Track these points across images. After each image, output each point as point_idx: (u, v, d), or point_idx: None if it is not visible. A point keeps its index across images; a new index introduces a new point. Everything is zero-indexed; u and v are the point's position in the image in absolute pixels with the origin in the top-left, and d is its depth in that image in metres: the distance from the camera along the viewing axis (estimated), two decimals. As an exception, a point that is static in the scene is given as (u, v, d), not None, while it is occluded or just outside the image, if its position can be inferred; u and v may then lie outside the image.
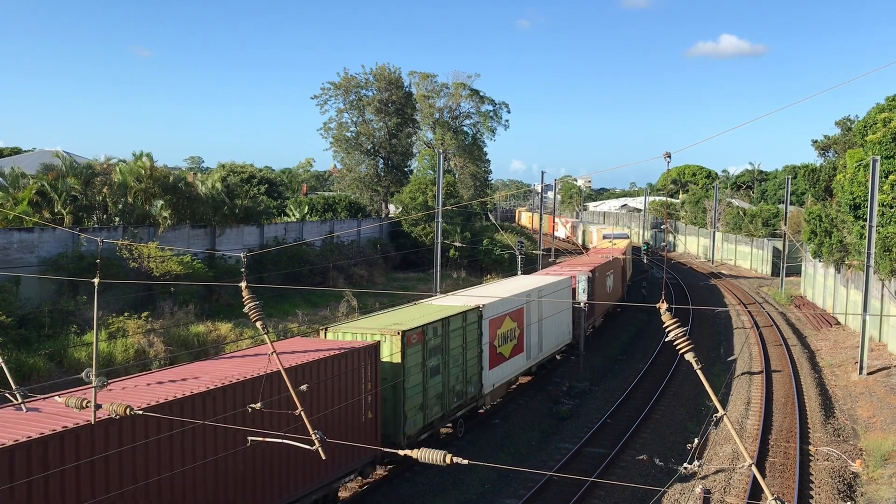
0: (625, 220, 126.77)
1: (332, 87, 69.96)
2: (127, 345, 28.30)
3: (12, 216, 32.39)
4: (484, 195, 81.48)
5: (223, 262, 39.53)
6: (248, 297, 10.58)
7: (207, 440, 13.90)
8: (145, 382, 14.85)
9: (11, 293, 28.65)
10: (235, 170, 61.80)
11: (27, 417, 12.21)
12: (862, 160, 39.03)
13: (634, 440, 25.56)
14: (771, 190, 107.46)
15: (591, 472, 22.00)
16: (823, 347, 40.76)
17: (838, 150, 57.89)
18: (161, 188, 38.92)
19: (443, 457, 7.75)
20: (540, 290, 32.31)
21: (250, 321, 11.04)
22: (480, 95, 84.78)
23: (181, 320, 32.20)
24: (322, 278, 45.33)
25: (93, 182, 37.44)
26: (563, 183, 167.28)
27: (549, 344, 33.30)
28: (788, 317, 51.35)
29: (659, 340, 39.41)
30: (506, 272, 54.83)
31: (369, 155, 71.23)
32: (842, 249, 45.54)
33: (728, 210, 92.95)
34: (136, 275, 33.36)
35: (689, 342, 7.73)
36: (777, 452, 24.25)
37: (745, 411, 28.66)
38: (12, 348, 25.20)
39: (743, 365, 36.30)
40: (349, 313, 37.78)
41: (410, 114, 73.12)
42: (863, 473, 22.40)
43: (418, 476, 21.32)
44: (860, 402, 29.94)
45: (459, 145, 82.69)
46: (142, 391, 14.03)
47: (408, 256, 56.67)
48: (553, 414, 28.49)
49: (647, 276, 67.75)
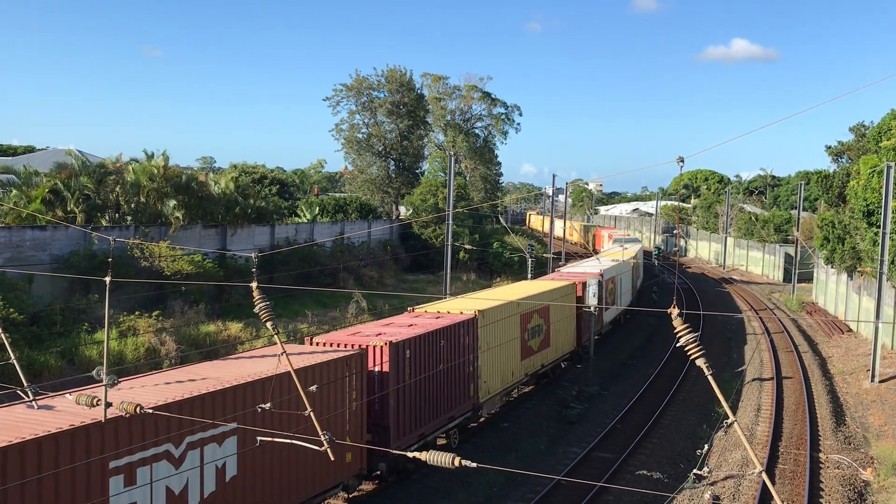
0: (636, 225, 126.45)
1: (344, 88, 70.10)
2: (138, 343, 28.42)
3: (25, 214, 32.60)
4: (494, 198, 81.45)
5: (234, 262, 39.64)
6: (258, 298, 10.61)
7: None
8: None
9: (24, 291, 28.82)
10: (247, 170, 61.96)
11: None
12: (876, 166, 38.77)
13: (643, 445, 25.46)
14: (783, 195, 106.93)
15: (599, 476, 21.92)
16: (835, 354, 40.51)
17: (852, 156, 57.55)
18: (174, 188, 39.07)
19: (451, 460, 7.74)
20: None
21: (261, 321, 11.06)
22: (492, 98, 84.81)
23: (192, 320, 32.30)
24: (332, 279, 45.39)
25: (105, 181, 37.62)
26: (575, 186, 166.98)
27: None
28: (800, 323, 51.07)
29: (669, 346, 39.26)
30: (515, 275, 54.75)
31: (380, 156, 71.31)
32: (854, 256, 45.26)
33: (740, 215, 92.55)
34: (147, 274, 33.49)
35: (701, 348, 7.69)
36: (787, 459, 24.11)
37: (755, 418, 28.51)
38: (24, 346, 25.33)
39: (754, 371, 36.11)
40: (358, 315, 37.81)
41: (422, 116, 73.15)
42: (874, 482, 22.23)
43: (427, 478, 21.30)
44: (872, 409, 29.73)
45: (470, 148, 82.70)
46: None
47: (418, 258, 56.70)
48: (561, 418, 28.42)
49: (657, 282, 67.53)
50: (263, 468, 14.97)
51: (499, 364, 26.84)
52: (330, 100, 70.62)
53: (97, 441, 11.75)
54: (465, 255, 55.86)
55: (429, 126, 77.50)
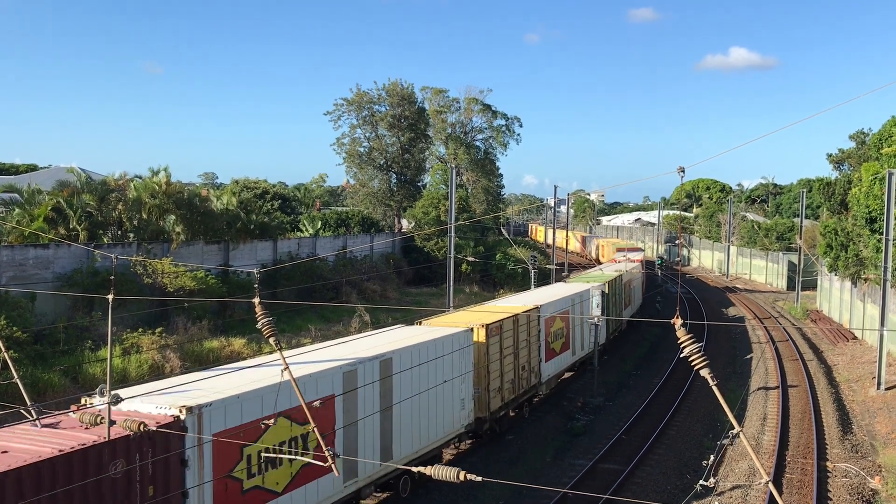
0: (638, 235, 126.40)
1: (345, 102, 70.29)
2: (141, 360, 28.41)
3: (28, 232, 32.67)
4: (496, 210, 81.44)
5: (237, 277, 39.66)
6: (261, 313, 10.60)
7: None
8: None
9: (27, 309, 28.85)
10: (249, 185, 62.08)
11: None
12: (878, 173, 38.76)
13: (649, 456, 25.34)
14: (786, 203, 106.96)
15: (605, 488, 21.81)
16: (840, 362, 40.36)
17: (853, 163, 57.58)
18: (175, 204, 39.16)
19: (456, 474, 7.71)
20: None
21: (263, 337, 11.04)
22: (493, 110, 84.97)
23: (195, 336, 32.30)
24: (335, 293, 45.37)
25: (108, 198, 37.71)
26: (576, 197, 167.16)
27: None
28: (804, 331, 50.93)
29: (674, 355, 39.15)
30: (519, 287, 54.69)
31: (382, 170, 71.43)
32: (858, 263, 45.17)
33: (742, 224, 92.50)
34: (150, 291, 33.53)
35: (705, 358, 7.67)
36: (794, 469, 23.97)
37: (761, 427, 28.38)
38: (28, 364, 25.34)
39: (759, 380, 35.98)
40: (362, 328, 37.77)
41: (423, 129, 73.31)
42: (882, 490, 22.08)
43: (432, 492, 21.20)
44: (878, 417, 29.59)
45: (472, 160, 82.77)
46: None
47: (420, 271, 56.69)
48: (567, 430, 28.31)
49: (661, 291, 67.40)
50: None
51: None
52: (331, 114, 70.86)
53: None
54: (468, 268, 55.82)
55: (430, 139, 77.66)
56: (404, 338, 21.61)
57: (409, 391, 20.02)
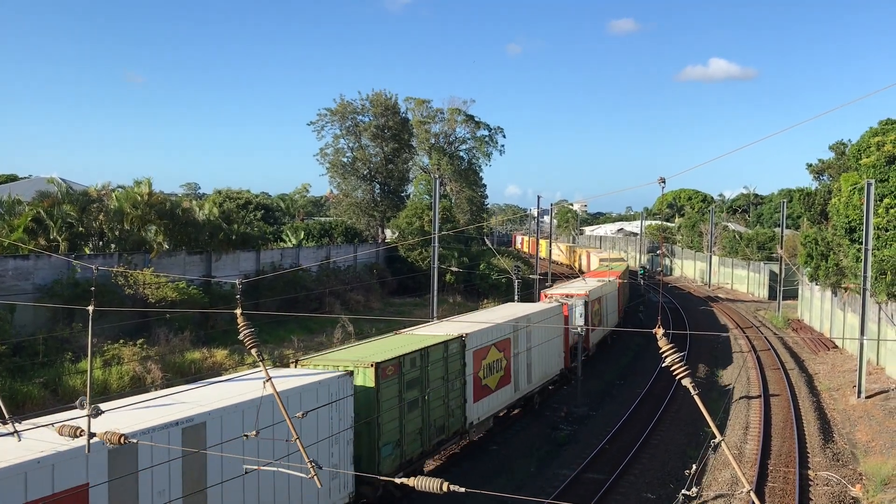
0: (621, 245, 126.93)
1: (329, 113, 70.26)
2: (122, 372, 28.15)
3: (7, 243, 32.35)
4: (480, 220, 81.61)
5: (219, 288, 39.44)
6: (243, 325, 10.52)
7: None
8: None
9: (6, 321, 28.53)
10: (231, 196, 61.86)
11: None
12: (856, 184, 39.21)
13: (633, 466, 25.38)
14: (766, 213, 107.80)
15: (589, 498, 21.81)
16: (821, 371, 40.66)
17: (833, 173, 58.21)
18: (157, 214, 38.94)
19: (439, 485, 7.69)
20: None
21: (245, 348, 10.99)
22: (476, 121, 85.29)
23: (177, 347, 32.07)
24: (318, 304, 45.22)
25: (89, 209, 37.43)
26: (560, 207, 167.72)
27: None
28: (786, 340, 51.27)
29: (656, 364, 39.24)
30: (503, 297, 54.73)
31: (365, 180, 71.39)
32: (838, 273, 45.60)
33: (724, 234, 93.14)
34: (131, 302, 33.26)
35: (686, 368, 7.69)
36: (776, 477, 24.09)
37: (743, 436, 28.52)
38: (6, 376, 25.08)
39: (741, 389, 36.17)
40: (345, 339, 37.64)
41: (407, 139, 73.39)
42: (863, 498, 22.24)
43: (415, 502, 21.10)
44: (859, 425, 29.81)
45: (455, 170, 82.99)
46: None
47: (404, 282, 56.62)
48: (551, 440, 28.31)
49: (643, 301, 67.68)
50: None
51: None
52: (314, 124, 70.81)
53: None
54: (451, 278, 55.81)
55: (413, 149, 77.77)
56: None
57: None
